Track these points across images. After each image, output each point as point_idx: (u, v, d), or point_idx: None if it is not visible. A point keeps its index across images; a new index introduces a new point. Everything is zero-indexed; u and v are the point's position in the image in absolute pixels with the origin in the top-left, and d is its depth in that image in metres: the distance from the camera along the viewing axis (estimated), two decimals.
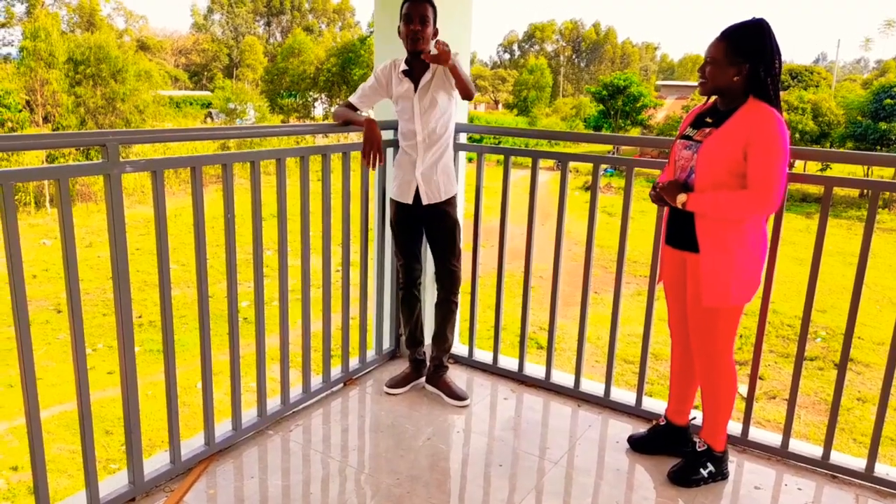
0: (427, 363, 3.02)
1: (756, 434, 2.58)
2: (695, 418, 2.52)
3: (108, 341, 11.11)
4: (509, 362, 3.17)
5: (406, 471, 2.38)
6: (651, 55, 76.95)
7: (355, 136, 2.76)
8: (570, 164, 2.88)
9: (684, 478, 2.33)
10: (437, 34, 2.68)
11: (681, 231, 2.24)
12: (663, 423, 2.53)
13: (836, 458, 2.44)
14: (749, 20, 2.07)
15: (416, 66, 2.69)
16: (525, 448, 2.56)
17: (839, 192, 22.86)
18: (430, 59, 2.50)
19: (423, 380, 3.02)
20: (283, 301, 2.56)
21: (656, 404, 2.79)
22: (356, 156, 2.73)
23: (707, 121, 2.18)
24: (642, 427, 2.68)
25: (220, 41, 57.89)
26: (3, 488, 7.65)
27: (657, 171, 2.54)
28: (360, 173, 2.85)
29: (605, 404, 2.87)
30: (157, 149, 20.54)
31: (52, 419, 8.72)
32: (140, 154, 19.65)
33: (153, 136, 2.40)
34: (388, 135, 2.94)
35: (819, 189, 2.43)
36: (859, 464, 2.40)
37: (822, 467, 2.44)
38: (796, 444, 2.51)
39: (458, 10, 3.04)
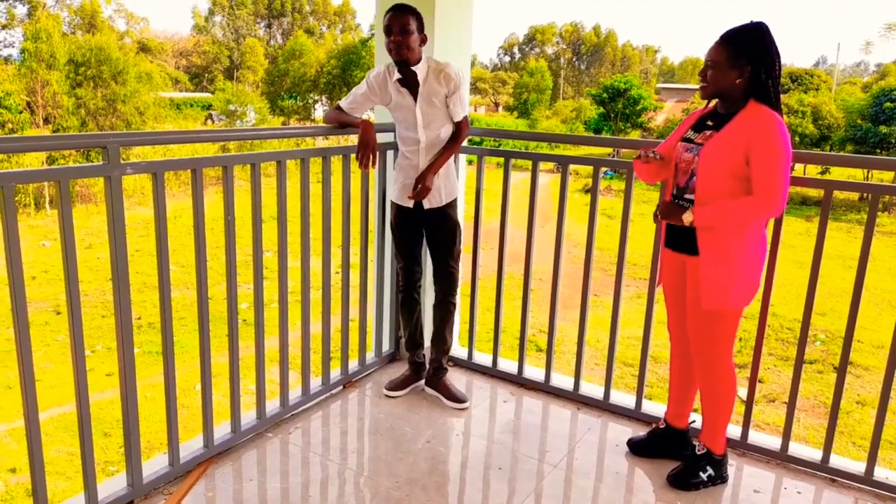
0: (426, 366, 3.02)
1: (756, 437, 2.58)
2: (694, 421, 2.52)
3: (107, 343, 11.10)
4: (509, 365, 3.17)
5: (405, 474, 2.38)
6: (651, 58, 77.05)
7: (355, 139, 2.76)
8: (571, 167, 2.88)
9: (684, 481, 2.33)
10: (425, 41, 2.62)
11: (680, 234, 2.24)
12: (663, 427, 2.53)
13: (836, 461, 2.43)
14: (749, 23, 2.08)
15: (408, 75, 2.65)
16: (524, 451, 2.56)
17: (839, 195, 22.87)
18: (415, 198, 2.70)
19: (423, 382, 3.02)
20: (282, 303, 2.56)
21: (656, 407, 2.79)
22: (356, 157, 2.72)
23: (708, 124, 2.19)
24: (642, 430, 2.68)
25: (221, 43, 57.96)
26: (2, 490, 7.63)
27: None
28: (359, 175, 2.84)
29: (604, 407, 2.87)
30: (158, 150, 20.58)
31: (50, 421, 8.71)
32: (140, 156, 19.67)
33: (154, 139, 2.41)
34: (388, 137, 2.95)
35: (819, 192, 2.43)
36: (859, 467, 2.40)
37: (822, 471, 2.44)
38: (796, 448, 2.51)
39: (458, 12, 3.04)
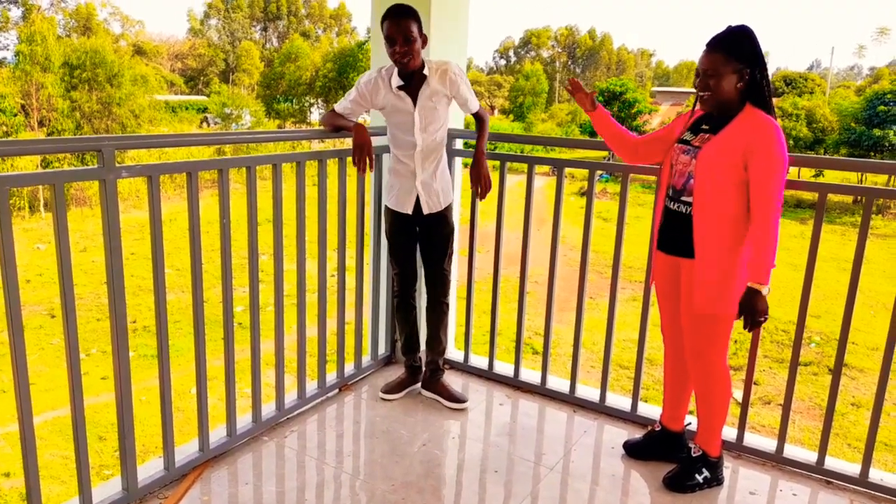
0: (423, 369, 3.02)
1: (751, 439, 2.59)
2: (690, 424, 2.52)
3: (102, 346, 11.06)
4: (505, 368, 3.17)
5: (401, 477, 2.37)
6: (646, 61, 77.31)
7: (351, 142, 2.76)
8: (566, 170, 2.89)
9: (679, 484, 2.33)
10: (426, 42, 2.59)
11: (675, 237, 2.24)
12: (659, 429, 2.53)
13: (831, 463, 2.44)
14: (733, 27, 2.06)
15: (411, 79, 2.62)
16: (521, 454, 2.56)
17: (833, 198, 22.97)
18: (482, 196, 2.78)
19: (419, 385, 3.01)
20: (278, 306, 2.56)
21: (652, 410, 2.79)
22: (352, 160, 2.72)
23: (704, 127, 2.19)
24: (638, 433, 2.68)
25: (217, 46, 57.93)
26: None
27: (653, 178, 2.55)
28: (355, 178, 2.84)
29: (600, 410, 2.87)
30: (153, 154, 20.52)
31: (45, 425, 8.67)
32: (136, 159, 19.62)
33: (149, 142, 2.39)
34: (381, 140, 2.95)
35: (813, 195, 2.44)
36: (854, 469, 2.41)
37: (817, 473, 2.44)
38: (791, 450, 2.52)
39: (454, 16, 3.05)
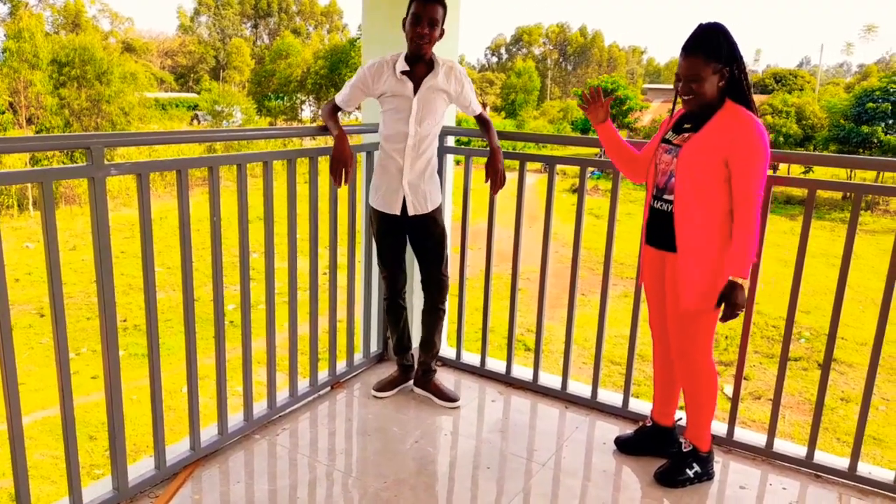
0: (415, 367, 3.02)
1: (741, 434, 2.61)
2: (680, 419, 2.54)
3: (91, 345, 10.99)
4: (497, 364, 3.17)
5: (393, 474, 2.37)
6: (637, 59, 77.49)
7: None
8: (558, 167, 2.89)
9: (670, 478, 2.35)
10: (443, 35, 2.57)
11: (660, 231, 2.25)
12: (650, 425, 2.55)
13: (820, 457, 2.46)
14: (706, 25, 2.06)
15: (417, 67, 2.59)
16: (513, 450, 2.56)
17: (822, 194, 23.11)
18: (496, 191, 2.77)
19: (411, 383, 3.01)
20: (269, 304, 2.55)
21: (643, 405, 2.81)
22: (329, 170, 2.66)
23: (686, 126, 2.20)
24: (629, 428, 2.69)
25: (207, 43, 57.60)
26: None
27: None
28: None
29: (592, 406, 2.88)
30: (143, 151, 20.39)
31: (34, 424, 8.61)
32: (125, 156, 19.48)
33: (138, 139, 2.38)
34: (373, 137, 2.94)
35: (803, 191, 2.46)
36: (843, 463, 2.43)
37: (807, 467, 2.46)
38: (781, 444, 2.54)
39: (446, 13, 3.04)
